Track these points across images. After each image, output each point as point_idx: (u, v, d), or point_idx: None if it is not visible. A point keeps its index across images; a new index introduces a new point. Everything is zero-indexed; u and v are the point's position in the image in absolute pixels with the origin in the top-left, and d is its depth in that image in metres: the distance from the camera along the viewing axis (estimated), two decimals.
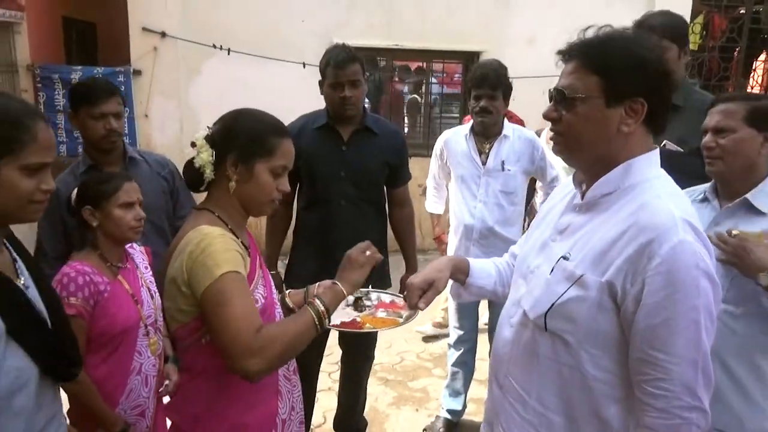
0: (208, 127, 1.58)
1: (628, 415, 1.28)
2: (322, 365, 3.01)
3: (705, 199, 1.94)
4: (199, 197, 1.69)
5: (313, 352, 2.71)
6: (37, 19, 6.32)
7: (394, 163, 2.76)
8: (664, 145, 2.25)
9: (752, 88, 7.87)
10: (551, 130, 1.37)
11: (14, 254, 1.33)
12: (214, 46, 6.06)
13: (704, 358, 1.19)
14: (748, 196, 1.82)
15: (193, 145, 1.53)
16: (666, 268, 1.16)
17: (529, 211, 4.26)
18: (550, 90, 1.34)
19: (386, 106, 7.12)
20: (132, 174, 2.25)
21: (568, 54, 1.32)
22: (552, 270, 1.34)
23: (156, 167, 2.49)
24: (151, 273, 2.12)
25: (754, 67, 7.89)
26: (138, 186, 2.03)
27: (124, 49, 7.56)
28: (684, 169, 2.16)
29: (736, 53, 7.32)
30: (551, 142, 1.39)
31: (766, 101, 1.88)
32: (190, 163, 1.55)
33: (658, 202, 1.23)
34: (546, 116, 1.35)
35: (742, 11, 7.11)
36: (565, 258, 1.32)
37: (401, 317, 1.88)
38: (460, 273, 1.68)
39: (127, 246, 2.07)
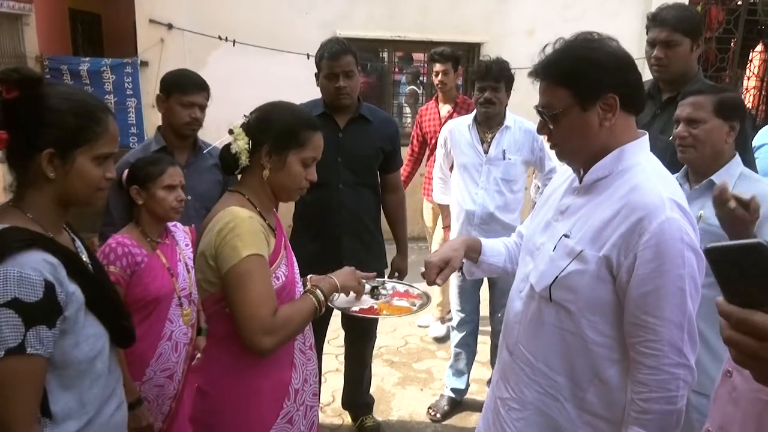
0: (245, 116, 1.70)
1: (626, 376, 1.42)
2: (330, 348, 3.16)
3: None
4: None
5: (318, 334, 2.88)
6: (45, 10, 6.41)
7: (388, 150, 2.90)
8: (674, 138, 2.31)
9: (749, 78, 7.98)
10: (549, 142, 1.52)
11: (72, 234, 1.45)
12: (220, 38, 6.15)
13: (689, 321, 1.34)
14: (712, 177, 2.04)
15: (231, 132, 1.66)
16: (655, 242, 1.31)
17: None
18: (536, 108, 1.48)
19: (388, 97, 7.23)
20: (195, 162, 2.52)
21: (536, 74, 1.46)
22: (555, 247, 1.48)
23: (216, 160, 2.65)
24: (191, 250, 2.27)
25: (750, 58, 8.00)
26: (180, 170, 2.22)
27: (128, 40, 7.65)
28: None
29: (732, 44, 7.42)
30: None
31: (731, 93, 2.08)
32: (227, 149, 1.67)
33: (648, 184, 1.37)
34: (539, 132, 1.53)
35: (739, 2, 7.21)
36: (566, 236, 1.47)
37: (415, 305, 2.04)
38: (472, 252, 1.82)
39: (171, 224, 2.26)
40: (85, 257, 1.43)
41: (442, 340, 4.41)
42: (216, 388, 1.66)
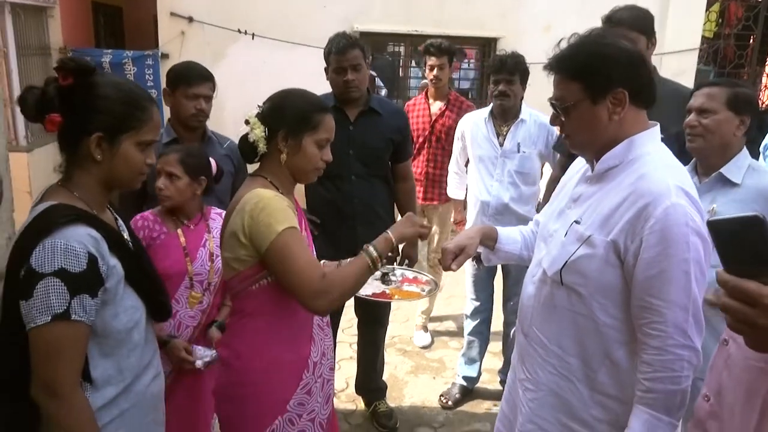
0: (258, 106, 1.79)
1: (635, 356, 1.48)
2: (344, 337, 3.23)
3: None
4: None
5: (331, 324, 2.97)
6: (69, 3, 6.53)
7: (398, 141, 2.96)
8: None
9: (767, 75, 7.92)
10: (561, 132, 1.58)
11: (114, 214, 1.55)
12: (239, 31, 6.24)
13: (694, 304, 1.38)
14: (722, 170, 2.07)
15: (247, 122, 1.75)
16: (660, 227, 1.36)
17: None
18: (549, 100, 1.54)
19: (403, 91, 7.28)
20: (206, 151, 2.53)
21: (550, 68, 1.52)
22: (566, 233, 1.55)
23: (226, 150, 2.73)
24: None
25: None
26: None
27: (149, 32, 7.76)
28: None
29: (751, 41, 7.37)
30: None
31: (745, 89, 2.11)
32: (245, 139, 1.76)
33: (655, 172, 1.43)
34: (551, 123, 1.59)
35: None
36: (576, 222, 1.53)
37: (424, 291, 2.09)
38: (489, 240, 1.88)
39: (215, 212, 2.32)
40: (126, 235, 1.52)
41: (427, 348, 4.24)
42: (240, 360, 1.75)
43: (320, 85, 3.32)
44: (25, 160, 5.36)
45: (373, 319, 3.22)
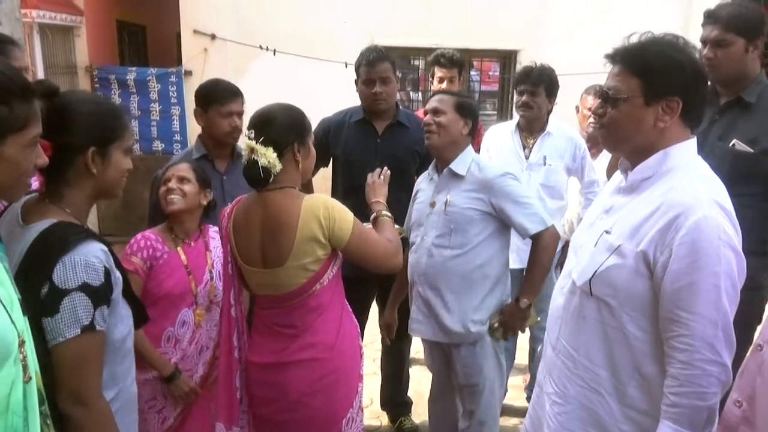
0: (246, 135, 1.88)
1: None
2: (368, 352, 3.17)
3: None
4: None
5: None
6: (95, 22, 6.67)
7: (423, 153, 2.95)
8: (733, 145, 2.27)
9: None
10: (597, 123, 1.54)
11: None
12: (261, 47, 6.30)
13: (724, 318, 1.34)
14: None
15: (252, 151, 1.83)
16: (690, 238, 1.33)
17: None
18: (599, 88, 1.54)
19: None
20: (234, 169, 2.60)
21: (613, 58, 1.50)
22: (596, 243, 1.52)
23: None
24: (221, 254, 2.29)
25: None
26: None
27: (171, 50, 7.88)
28: (753, 170, 2.20)
29: None
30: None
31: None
32: (254, 168, 1.83)
33: (688, 184, 1.40)
34: (593, 111, 1.56)
35: None
36: (607, 232, 1.50)
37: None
38: None
39: (213, 229, 2.32)
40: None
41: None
42: (332, 351, 1.95)
43: (341, 100, 3.33)
44: None
45: (397, 331, 3.19)
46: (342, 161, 2.97)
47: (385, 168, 2.29)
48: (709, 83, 2.42)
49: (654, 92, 1.43)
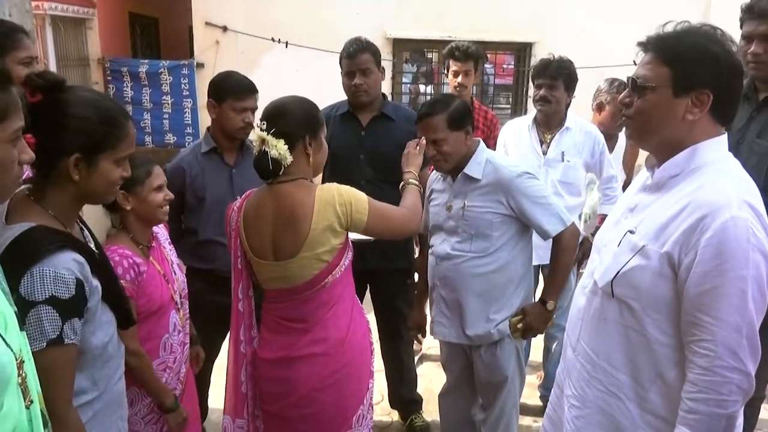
0: (257, 126, 1.85)
1: None
2: (378, 348, 3.16)
3: None
4: None
5: None
6: (107, 14, 6.66)
7: None
8: None
9: None
10: (623, 114, 1.48)
11: (80, 225, 1.51)
12: (273, 40, 6.27)
13: (749, 325, 1.28)
14: None
15: (263, 142, 1.81)
16: (717, 240, 1.27)
17: None
18: (628, 77, 1.46)
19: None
20: (243, 162, 2.56)
21: (645, 45, 1.43)
22: (620, 243, 1.46)
23: None
24: (172, 247, 2.20)
25: None
26: (161, 169, 2.11)
27: (184, 42, 7.86)
28: None
29: None
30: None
31: None
32: (264, 160, 1.81)
33: (717, 183, 1.33)
34: (620, 101, 1.49)
35: None
36: (631, 232, 1.44)
37: None
38: None
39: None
40: (92, 245, 1.49)
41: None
42: (342, 345, 1.94)
43: None
44: None
45: (390, 330, 3.17)
46: (328, 155, 2.90)
47: (422, 138, 2.29)
48: (746, 79, 2.33)
49: (684, 83, 1.36)
